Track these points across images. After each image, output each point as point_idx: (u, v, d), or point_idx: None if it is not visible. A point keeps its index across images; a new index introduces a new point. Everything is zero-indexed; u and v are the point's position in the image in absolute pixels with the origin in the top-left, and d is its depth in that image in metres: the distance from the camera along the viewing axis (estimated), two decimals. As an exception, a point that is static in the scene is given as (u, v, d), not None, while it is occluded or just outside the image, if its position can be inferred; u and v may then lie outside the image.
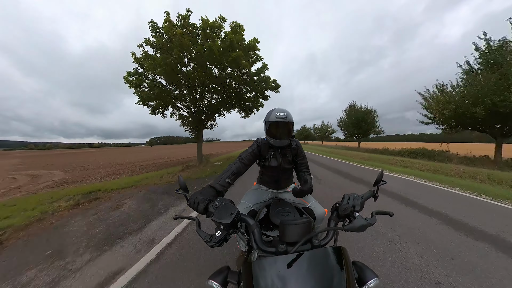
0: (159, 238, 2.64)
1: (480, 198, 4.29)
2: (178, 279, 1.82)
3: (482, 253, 2.19)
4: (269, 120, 1.32)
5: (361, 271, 0.68)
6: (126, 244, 2.51)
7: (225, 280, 0.70)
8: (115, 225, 3.09)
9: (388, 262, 2.02)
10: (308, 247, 0.72)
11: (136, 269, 1.97)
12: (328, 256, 0.64)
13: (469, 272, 1.86)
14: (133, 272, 1.93)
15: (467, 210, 3.50)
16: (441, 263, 2.00)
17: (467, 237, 2.54)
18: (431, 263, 2.00)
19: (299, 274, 0.58)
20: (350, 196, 0.87)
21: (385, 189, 4.85)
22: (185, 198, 0.88)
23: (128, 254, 2.28)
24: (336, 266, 0.62)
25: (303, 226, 0.72)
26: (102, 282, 1.83)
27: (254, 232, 0.79)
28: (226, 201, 0.82)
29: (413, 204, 3.87)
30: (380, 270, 1.88)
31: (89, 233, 2.82)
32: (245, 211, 1.44)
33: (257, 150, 1.43)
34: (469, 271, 1.87)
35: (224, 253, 2.20)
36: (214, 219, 0.76)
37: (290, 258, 0.61)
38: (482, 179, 5.97)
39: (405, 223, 2.95)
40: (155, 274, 1.91)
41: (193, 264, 2.04)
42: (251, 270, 0.64)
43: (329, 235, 0.80)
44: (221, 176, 1.10)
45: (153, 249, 2.36)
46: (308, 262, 0.61)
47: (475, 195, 4.50)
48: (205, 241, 0.74)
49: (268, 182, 1.66)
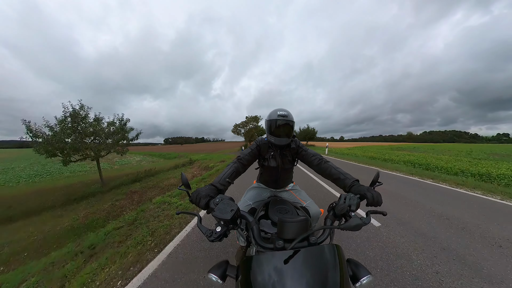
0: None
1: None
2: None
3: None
4: (271, 118, 1.34)
5: (355, 268, 0.70)
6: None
7: (224, 273, 0.72)
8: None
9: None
10: (305, 244, 0.73)
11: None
12: (323, 253, 0.65)
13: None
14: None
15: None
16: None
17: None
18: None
19: (295, 269, 0.60)
20: (346, 196, 0.90)
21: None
22: (187, 194, 0.91)
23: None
24: (331, 263, 0.64)
25: (301, 224, 0.74)
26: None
27: (253, 228, 0.82)
28: (226, 198, 0.84)
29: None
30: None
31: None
32: (245, 208, 1.48)
33: (257, 150, 1.44)
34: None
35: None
36: (215, 215, 0.78)
37: (287, 254, 0.63)
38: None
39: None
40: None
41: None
42: (250, 264, 0.65)
43: (325, 233, 0.81)
44: (221, 175, 1.13)
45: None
46: (304, 259, 0.62)
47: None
48: (206, 236, 0.77)
49: (267, 181, 1.69)
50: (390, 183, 5.85)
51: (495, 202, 4.09)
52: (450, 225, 2.91)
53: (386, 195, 4.39)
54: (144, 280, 1.87)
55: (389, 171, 8.34)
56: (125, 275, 1.99)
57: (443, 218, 3.16)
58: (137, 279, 1.90)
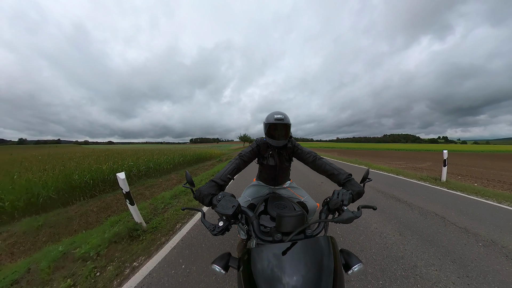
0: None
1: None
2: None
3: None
4: (268, 122, 1.36)
5: (347, 257, 0.75)
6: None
7: (227, 264, 0.76)
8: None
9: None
10: (301, 236, 0.77)
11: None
12: (319, 244, 0.69)
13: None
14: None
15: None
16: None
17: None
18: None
19: (292, 260, 0.63)
20: (339, 192, 0.95)
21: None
22: (192, 191, 0.95)
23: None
24: (326, 253, 0.67)
25: (297, 218, 0.77)
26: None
27: (253, 223, 0.87)
28: (228, 195, 0.89)
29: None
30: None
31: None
32: (245, 204, 1.54)
33: (257, 149, 1.49)
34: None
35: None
36: (218, 210, 0.83)
37: (285, 246, 0.66)
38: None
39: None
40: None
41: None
42: (250, 256, 0.68)
43: (320, 226, 0.86)
44: (223, 171, 1.16)
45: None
46: (301, 250, 0.66)
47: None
48: (209, 230, 0.82)
49: (266, 179, 1.75)
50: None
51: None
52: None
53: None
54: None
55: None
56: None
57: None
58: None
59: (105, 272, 1.93)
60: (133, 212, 2.69)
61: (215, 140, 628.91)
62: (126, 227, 2.62)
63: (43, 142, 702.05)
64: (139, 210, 2.83)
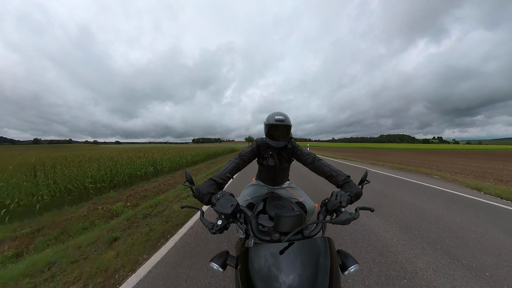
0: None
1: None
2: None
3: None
4: (269, 122, 1.36)
5: (344, 258, 0.75)
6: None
7: (225, 263, 0.76)
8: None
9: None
10: (299, 237, 0.78)
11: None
12: (316, 245, 0.69)
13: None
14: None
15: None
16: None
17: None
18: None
19: (290, 259, 0.63)
20: (337, 193, 0.96)
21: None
22: (191, 190, 0.95)
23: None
24: (323, 254, 0.68)
25: (295, 218, 0.77)
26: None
27: (251, 222, 0.87)
28: (227, 194, 0.89)
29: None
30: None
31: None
32: (244, 203, 1.55)
33: (257, 149, 1.49)
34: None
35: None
36: (216, 209, 0.84)
37: (282, 246, 0.67)
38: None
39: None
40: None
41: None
42: (248, 255, 0.69)
43: (318, 227, 0.87)
44: (222, 170, 1.16)
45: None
46: (298, 250, 0.66)
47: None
48: (208, 229, 0.82)
49: (266, 179, 1.75)
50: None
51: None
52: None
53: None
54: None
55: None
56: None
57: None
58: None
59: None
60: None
61: (217, 140, 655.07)
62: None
63: (56, 142, 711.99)
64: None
